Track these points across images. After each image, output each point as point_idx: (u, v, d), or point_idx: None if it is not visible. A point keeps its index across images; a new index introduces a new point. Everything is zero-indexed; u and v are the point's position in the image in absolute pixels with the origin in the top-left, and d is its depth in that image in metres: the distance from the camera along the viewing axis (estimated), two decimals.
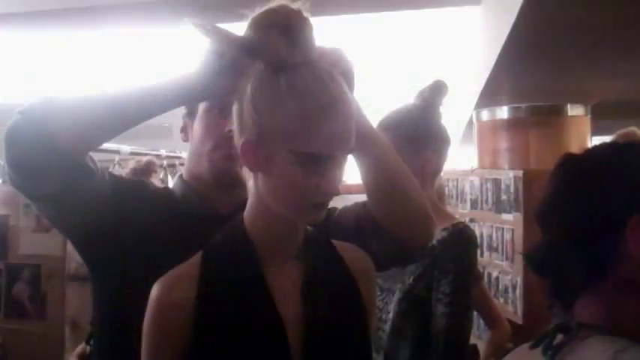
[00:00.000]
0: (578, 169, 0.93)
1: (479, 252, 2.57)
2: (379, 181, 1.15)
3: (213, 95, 1.11)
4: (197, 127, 1.28)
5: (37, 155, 1.02)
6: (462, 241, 1.71)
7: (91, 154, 1.12)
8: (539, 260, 0.94)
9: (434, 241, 1.65)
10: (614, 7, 1.99)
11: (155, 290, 1.01)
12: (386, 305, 1.74)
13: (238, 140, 1.00)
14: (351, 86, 1.05)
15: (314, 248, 1.08)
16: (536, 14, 2.04)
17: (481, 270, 2.91)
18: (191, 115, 1.30)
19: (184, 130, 1.33)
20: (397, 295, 1.72)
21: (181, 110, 1.32)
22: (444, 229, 1.69)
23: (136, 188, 1.27)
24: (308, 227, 1.09)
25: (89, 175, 1.10)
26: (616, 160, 0.91)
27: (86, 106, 1.08)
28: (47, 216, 1.18)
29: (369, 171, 1.14)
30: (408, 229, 1.15)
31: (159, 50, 4.08)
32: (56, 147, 1.02)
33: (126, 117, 1.08)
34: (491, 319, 2.21)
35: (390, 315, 1.72)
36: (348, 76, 1.05)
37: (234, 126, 1.02)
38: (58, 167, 1.04)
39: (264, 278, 1.02)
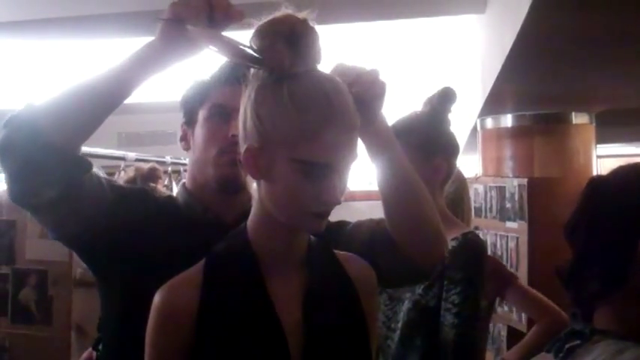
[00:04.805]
0: (599, 190, 1.01)
1: None
2: (398, 188, 1.15)
3: (176, 58, 1.11)
4: (199, 134, 1.27)
5: (33, 157, 1.04)
6: (472, 251, 1.69)
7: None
8: (566, 273, 1.02)
9: None
10: (618, 16, 2.00)
11: (157, 297, 1.01)
12: (395, 314, 1.73)
13: (242, 147, 1.01)
14: (379, 107, 1.08)
15: (316, 258, 1.08)
16: (541, 22, 2.05)
17: None
18: (190, 123, 1.30)
19: (184, 138, 1.32)
20: (406, 305, 1.70)
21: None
22: (454, 239, 1.67)
23: (137, 197, 1.27)
24: (311, 237, 1.09)
25: (86, 168, 1.11)
26: (630, 181, 0.99)
27: (67, 98, 1.10)
28: (50, 225, 1.17)
29: (388, 177, 1.14)
30: (421, 245, 1.15)
31: None
32: (49, 143, 1.04)
33: (106, 98, 1.10)
34: (538, 313, 2.03)
35: (399, 324, 1.71)
36: (381, 99, 1.08)
37: (239, 132, 1.03)
38: (55, 164, 1.05)
39: (266, 287, 1.02)
